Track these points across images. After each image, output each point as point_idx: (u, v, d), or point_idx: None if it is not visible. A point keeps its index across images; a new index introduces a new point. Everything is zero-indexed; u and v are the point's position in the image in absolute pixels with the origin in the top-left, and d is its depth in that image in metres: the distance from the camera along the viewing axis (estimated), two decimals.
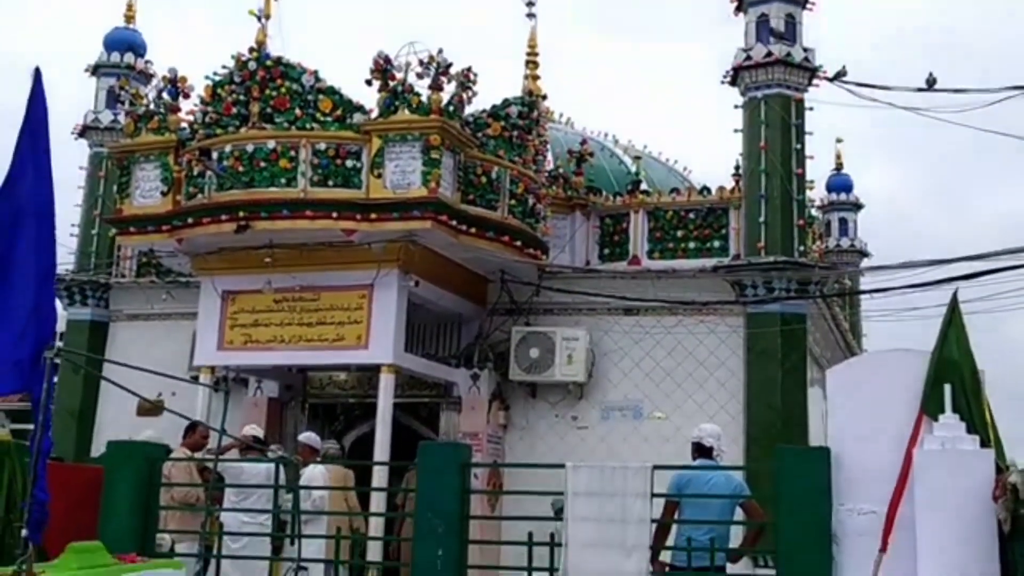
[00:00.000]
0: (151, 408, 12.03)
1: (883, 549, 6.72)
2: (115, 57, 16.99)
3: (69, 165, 17.24)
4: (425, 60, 11.56)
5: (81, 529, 8.76)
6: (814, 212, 17.64)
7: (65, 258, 17.13)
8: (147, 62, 17.09)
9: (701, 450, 7.85)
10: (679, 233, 13.86)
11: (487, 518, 8.73)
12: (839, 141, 23.64)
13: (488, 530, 11.42)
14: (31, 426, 17.08)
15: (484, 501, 12.46)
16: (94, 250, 16.27)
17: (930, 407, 6.95)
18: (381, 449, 11.67)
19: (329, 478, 9.97)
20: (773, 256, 12.67)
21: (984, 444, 6.74)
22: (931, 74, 13.07)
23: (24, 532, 5.03)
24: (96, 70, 17.05)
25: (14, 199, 5.27)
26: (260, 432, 10.32)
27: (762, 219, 12.94)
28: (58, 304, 17.41)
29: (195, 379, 12.64)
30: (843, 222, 22.83)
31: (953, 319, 7.21)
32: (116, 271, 16.32)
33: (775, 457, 7.22)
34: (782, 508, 7.09)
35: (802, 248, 12.97)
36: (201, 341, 12.72)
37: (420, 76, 11.60)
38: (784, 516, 7.12)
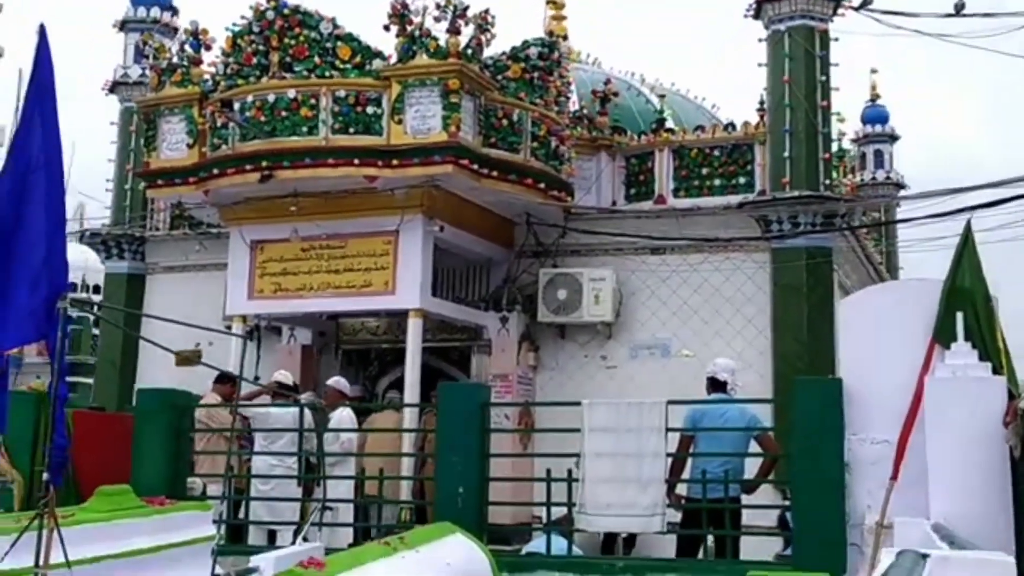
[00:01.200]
0: (189, 357, 12.31)
1: (894, 477, 6.80)
2: (142, 12, 17.06)
3: (101, 120, 17.55)
4: (442, 3, 11.52)
5: (116, 475, 9.06)
6: (846, 144, 17.42)
7: (102, 213, 17.52)
8: (174, 15, 17.19)
9: (715, 384, 7.94)
10: (704, 171, 13.76)
11: (506, 455, 8.84)
12: (874, 72, 23.32)
13: (521, 466, 11.56)
14: (88, 379, 17.57)
15: (516, 439, 12.60)
16: (128, 204, 16.50)
17: (942, 335, 6.97)
18: (411, 392, 11.81)
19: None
20: (798, 191, 12.59)
21: (996, 371, 6.75)
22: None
23: (45, 475, 5.17)
24: (124, 25, 17.14)
25: (25, 154, 5.42)
26: (289, 378, 10.50)
27: (786, 154, 12.82)
28: (96, 257, 17.80)
29: (228, 328, 12.87)
30: (879, 154, 22.54)
31: (966, 248, 7.20)
32: (151, 224, 16.56)
33: (791, 388, 7.28)
34: (795, 438, 7.18)
35: (828, 182, 12.85)
36: (232, 291, 12.90)
37: (437, 20, 11.54)
38: (797, 446, 7.21)
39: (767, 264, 12.91)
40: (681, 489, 7.90)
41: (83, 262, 27.51)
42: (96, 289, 28.96)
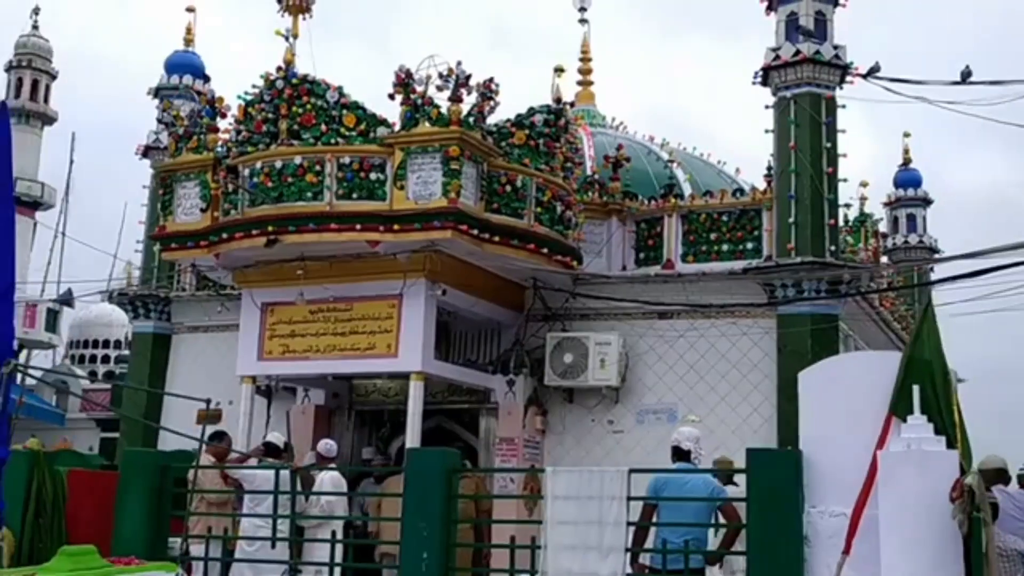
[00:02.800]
0: (210, 415, 12.58)
1: (846, 551, 6.71)
2: (175, 79, 17.68)
3: (135, 184, 18.10)
4: (444, 73, 11.80)
5: (105, 532, 9.25)
6: (866, 209, 17.35)
7: (132, 274, 17.99)
8: (206, 82, 17.75)
9: (679, 453, 7.92)
10: (713, 235, 13.84)
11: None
12: (907, 136, 23.23)
13: (524, 533, 11.51)
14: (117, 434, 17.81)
15: (522, 505, 12.57)
16: (156, 265, 16.94)
17: (899, 408, 6.92)
18: None
19: (343, 485, 10.26)
20: (801, 257, 12.58)
21: (951, 445, 6.68)
22: (967, 67, 12.84)
23: None
24: (158, 92, 17.74)
25: None
26: (280, 440, 10.66)
27: (792, 220, 12.86)
28: (124, 316, 18.26)
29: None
30: (911, 218, 22.37)
31: (925, 321, 7.16)
32: (177, 285, 16.97)
33: (746, 459, 7.25)
34: (753, 510, 7.13)
35: (833, 248, 12.83)
36: (243, 351, 13.17)
37: (440, 89, 11.83)
38: (755, 518, 7.16)
39: (773, 330, 12.89)
40: (646, 559, 7.86)
41: (108, 319, 28.26)
42: (118, 344, 29.69)
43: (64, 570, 6.82)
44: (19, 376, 6.00)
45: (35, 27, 33.46)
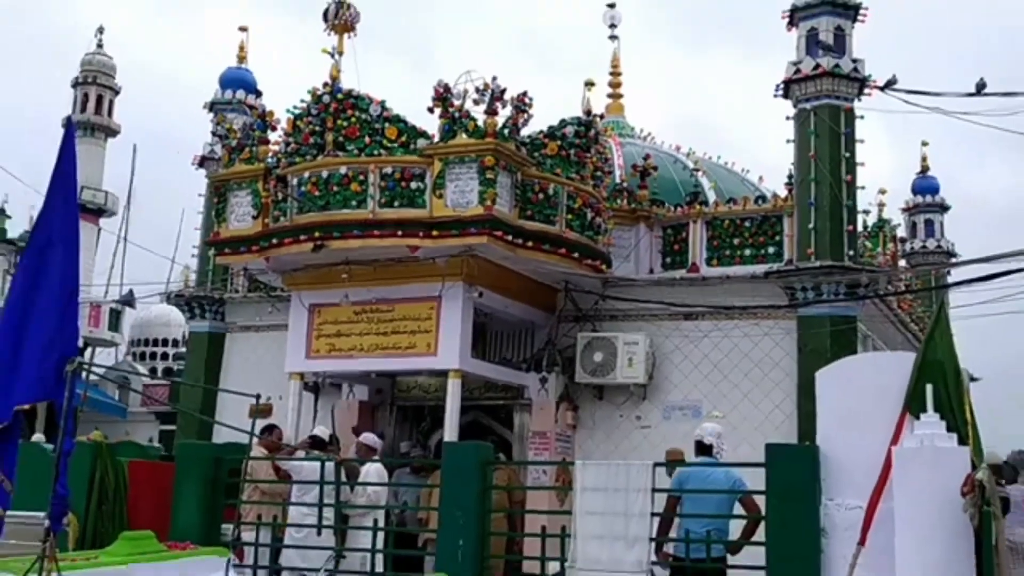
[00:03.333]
0: (261, 410, 12.71)
1: (862, 543, 6.69)
2: (228, 94, 17.87)
3: (190, 192, 18.32)
4: (480, 87, 11.85)
5: (162, 518, 9.39)
6: (884, 216, 17.18)
7: (189, 277, 18.19)
8: (257, 97, 17.92)
9: (701, 448, 7.91)
10: (735, 240, 13.77)
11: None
12: (924, 144, 23.07)
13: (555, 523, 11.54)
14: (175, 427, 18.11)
15: (553, 496, 12.59)
16: (211, 269, 17.11)
17: (913, 406, 6.89)
18: None
19: (386, 476, 10.31)
20: (821, 261, 12.52)
21: (963, 442, 6.64)
22: (981, 79, 12.70)
23: (47, 522, 5.43)
24: (212, 107, 17.93)
25: (44, 232, 5.78)
26: (325, 434, 10.74)
27: (811, 225, 12.80)
28: (181, 316, 18.46)
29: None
30: (929, 223, 22.17)
31: (938, 322, 7.12)
32: (231, 287, 17.14)
33: (765, 454, 7.23)
34: (771, 503, 7.12)
35: (851, 252, 12.74)
36: (291, 350, 13.27)
37: (477, 103, 11.88)
38: (775, 510, 7.15)
39: (793, 330, 12.83)
40: (669, 548, 7.85)
41: (167, 319, 28.70)
42: (176, 343, 30.06)
43: (124, 553, 6.96)
44: (83, 373, 6.11)
45: (99, 45, 33.96)
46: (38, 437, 12.32)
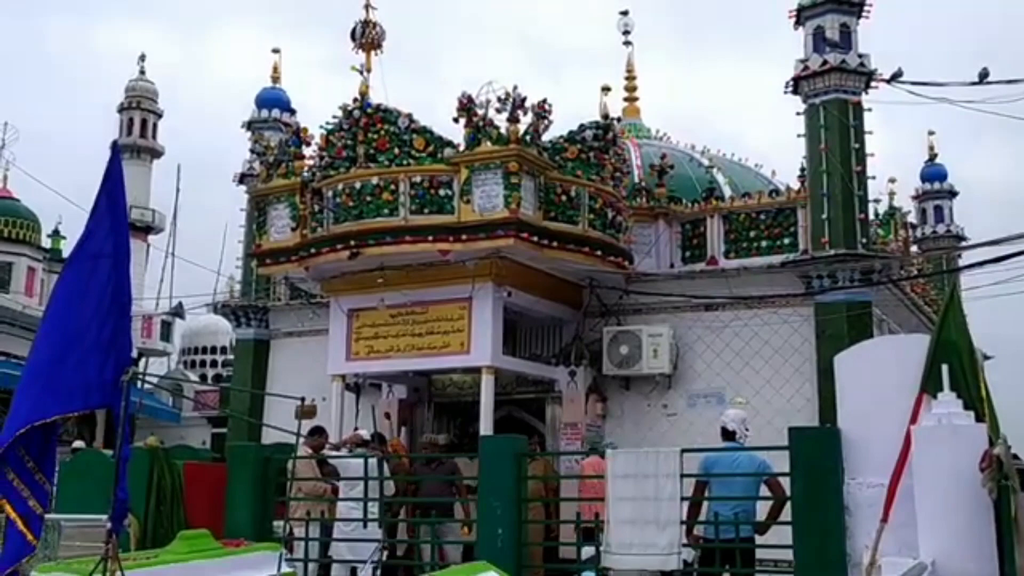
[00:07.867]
0: (307, 411, 12.76)
1: (884, 519, 6.60)
2: (264, 113, 17.98)
3: (231, 207, 18.43)
4: (502, 97, 11.84)
5: (217, 518, 9.44)
6: (895, 204, 17.00)
7: (234, 288, 18.31)
8: (292, 115, 18.01)
9: (727, 433, 7.86)
10: (752, 233, 13.70)
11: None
12: (931, 133, 22.79)
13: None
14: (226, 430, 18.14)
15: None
16: (255, 278, 17.22)
17: (930, 386, 6.79)
18: None
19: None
20: (835, 250, 12.42)
21: (979, 419, 6.54)
22: (984, 68, 12.56)
23: (109, 524, 5.46)
24: (250, 125, 18.05)
25: (93, 242, 5.78)
26: (367, 434, 10.77)
27: (825, 216, 12.70)
28: (228, 325, 18.58)
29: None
30: (938, 209, 21.93)
31: (951, 304, 7.03)
32: (273, 295, 17.25)
33: (788, 437, 7.18)
34: (797, 483, 7.06)
35: (864, 240, 12.62)
36: (332, 353, 13.33)
37: (499, 111, 11.87)
38: (799, 490, 7.09)
39: (811, 317, 12.74)
40: (700, 530, 7.82)
41: (215, 328, 28.92)
42: (224, 350, 30.27)
43: (182, 552, 6.97)
44: (139, 381, 6.16)
45: (142, 72, 34.20)
46: (78, 444, 12.36)
